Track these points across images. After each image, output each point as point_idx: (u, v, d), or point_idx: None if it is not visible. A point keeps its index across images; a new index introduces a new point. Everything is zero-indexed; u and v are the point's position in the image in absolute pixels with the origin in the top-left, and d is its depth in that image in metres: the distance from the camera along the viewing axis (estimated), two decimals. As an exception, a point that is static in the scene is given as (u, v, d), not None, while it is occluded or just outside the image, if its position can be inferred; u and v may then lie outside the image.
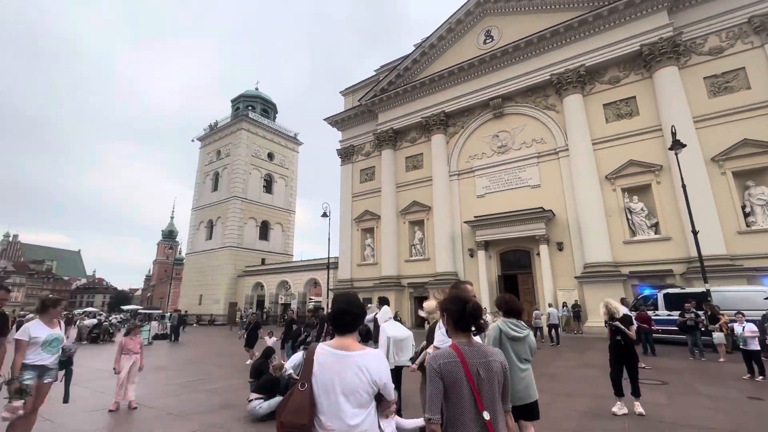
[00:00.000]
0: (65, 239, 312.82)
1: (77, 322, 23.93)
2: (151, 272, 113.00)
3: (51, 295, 4.46)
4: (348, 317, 2.32)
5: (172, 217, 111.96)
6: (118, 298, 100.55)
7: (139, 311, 45.96)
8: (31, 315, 25.48)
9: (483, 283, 22.87)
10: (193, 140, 50.05)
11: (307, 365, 2.25)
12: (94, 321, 21.71)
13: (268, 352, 7.43)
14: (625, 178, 20.16)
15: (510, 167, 24.40)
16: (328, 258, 25.62)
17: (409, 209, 27.97)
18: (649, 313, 14.52)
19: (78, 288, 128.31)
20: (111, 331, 21.62)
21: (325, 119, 35.45)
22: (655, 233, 19.23)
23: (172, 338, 21.05)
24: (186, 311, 39.83)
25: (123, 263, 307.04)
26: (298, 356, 6.94)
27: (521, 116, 24.72)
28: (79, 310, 62.91)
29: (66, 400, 4.65)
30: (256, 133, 47.18)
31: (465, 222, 24.80)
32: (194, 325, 38.17)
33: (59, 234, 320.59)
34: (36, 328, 4.18)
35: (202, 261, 44.57)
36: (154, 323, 30.77)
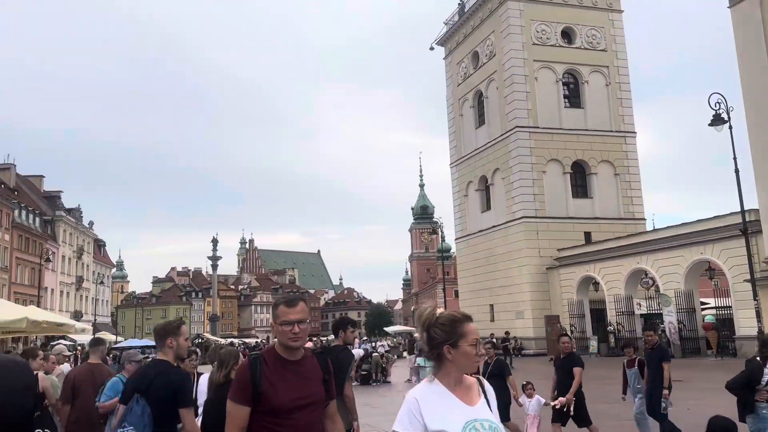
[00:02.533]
0: (297, 237, 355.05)
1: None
2: (409, 273, 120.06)
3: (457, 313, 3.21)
4: None
5: (421, 185, 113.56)
6: (375, 315, 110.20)
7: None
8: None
9: None
10: (432, 47, 49.99)
11: None
12: (360, 351, 22.57)
13: None
14: None
15: None
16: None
17: None
18: None
19: (327, 303, 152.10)
20: (384, 365, 22.88)
21: None
22: None
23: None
24: (509, 335, 35.68)
25: (370, 264, 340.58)
26: None
27: None
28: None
29: None
30: (532, -1, 44.61)
31: None
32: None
33: (288, 230, 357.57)
34: (434, 409, 2.84)
35: (481, 247, 45.19)
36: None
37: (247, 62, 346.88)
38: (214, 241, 53.56)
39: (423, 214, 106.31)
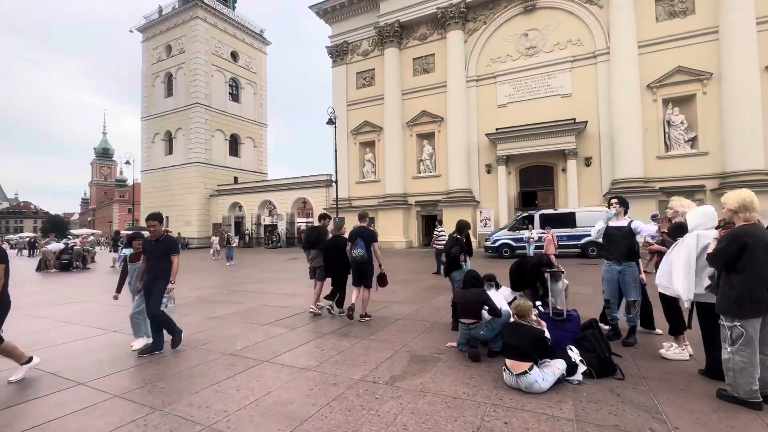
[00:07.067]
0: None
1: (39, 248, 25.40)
2: (89, 195, 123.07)
3: None
4: None
5: (104, 133, 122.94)
6: (53, 223, 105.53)
7: (125, 232, 45.99)
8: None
9: (502, 200, 26.28)
10: (131, 30, 49.34)
11: None
12: (60, 245, 22.06)
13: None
14: (669, 87, 22.79)
15: (538, 73, 26.36)
16: (336, 172, 26.12)
17: (418, 120, 30.34)
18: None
19: (1, 212, 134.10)
20: (85, 255, 22.16)
21: (310, 7, 35.70)
22: (691, 147, 22.53)
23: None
24: (180, 234, 43.05)
25: (49, 186, 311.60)
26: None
27: (557, 11, 26.00)
28: (14, 236, 68.21)
29: None
30: (215, 25, 46.78)
31: (486, 135, 27.00)
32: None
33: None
34: None
35: (164, 179, 46.33)
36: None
37: None
38: None
39: (104, 153, 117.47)
